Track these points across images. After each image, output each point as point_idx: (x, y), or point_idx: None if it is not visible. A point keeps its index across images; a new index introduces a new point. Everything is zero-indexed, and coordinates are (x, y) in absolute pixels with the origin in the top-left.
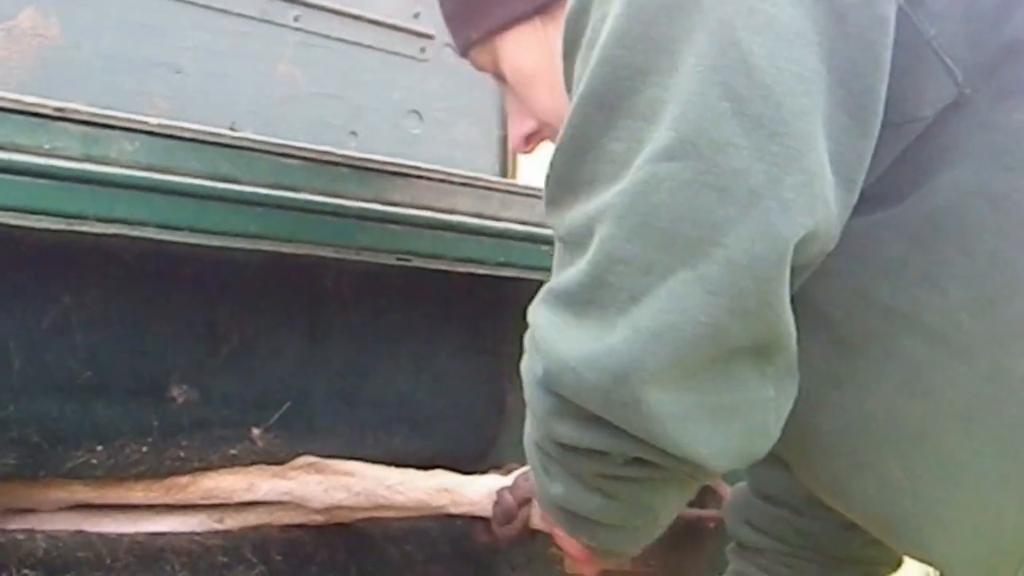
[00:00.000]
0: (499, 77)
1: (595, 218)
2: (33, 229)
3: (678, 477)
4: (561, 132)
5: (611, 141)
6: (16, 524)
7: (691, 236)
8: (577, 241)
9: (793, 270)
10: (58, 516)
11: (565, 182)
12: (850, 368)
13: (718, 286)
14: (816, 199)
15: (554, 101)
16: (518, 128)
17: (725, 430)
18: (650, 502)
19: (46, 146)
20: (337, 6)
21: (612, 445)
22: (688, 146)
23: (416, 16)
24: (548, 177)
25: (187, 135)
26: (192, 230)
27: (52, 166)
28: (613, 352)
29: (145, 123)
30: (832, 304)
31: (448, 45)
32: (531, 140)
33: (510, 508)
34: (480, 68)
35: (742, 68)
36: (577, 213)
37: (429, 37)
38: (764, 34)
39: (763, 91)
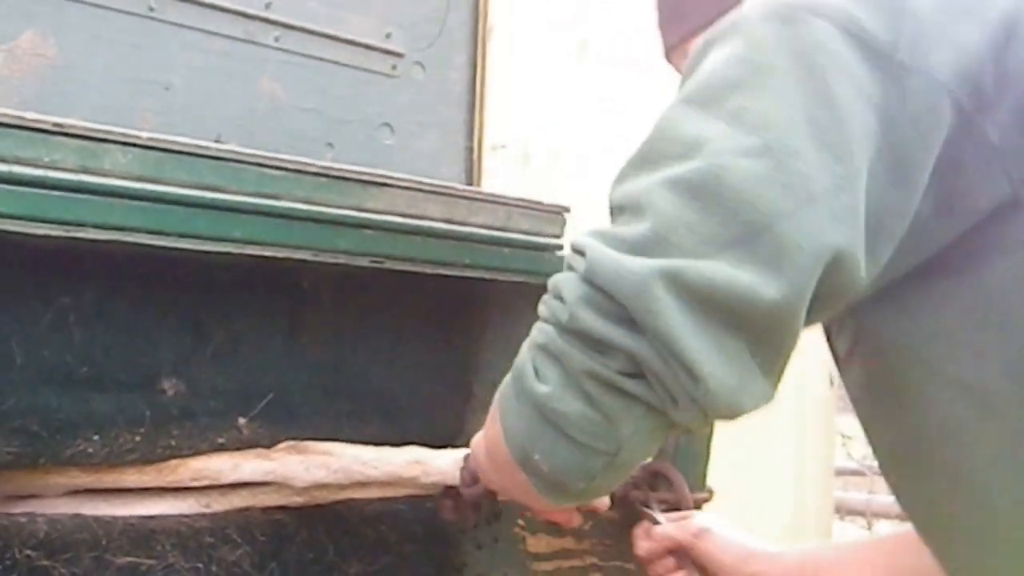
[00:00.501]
0: None
1: (662, 185)
2: (33, 236)
3: (662, 412)
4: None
5: (689, 128)
6: (19, 508)
7: (750, 219)
8: (635, 206)
9: (816, 296)
10: (58, 501)
11: (636, 160)
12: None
13: (763, 262)
14: (856, 225)
15: None
16: None
17: (728, 365)
18: (620, 429)
19: (45, 159)
20: (315, 27)
21: (626, 341)
22: (767, 150)
23: (388, 36)
24: (626, 162)
25: (176, 148)
26: (181, 236)
27: (50, 177)
28: (659, 265)
29: (137, 137)
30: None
31: (417, 63)
32: None
33: (475, 470)
34: (678, 71)
35: (825, 101)
36: (640, 182)
37: (399, 55)
38: (844, 84)
39: (838, 124)
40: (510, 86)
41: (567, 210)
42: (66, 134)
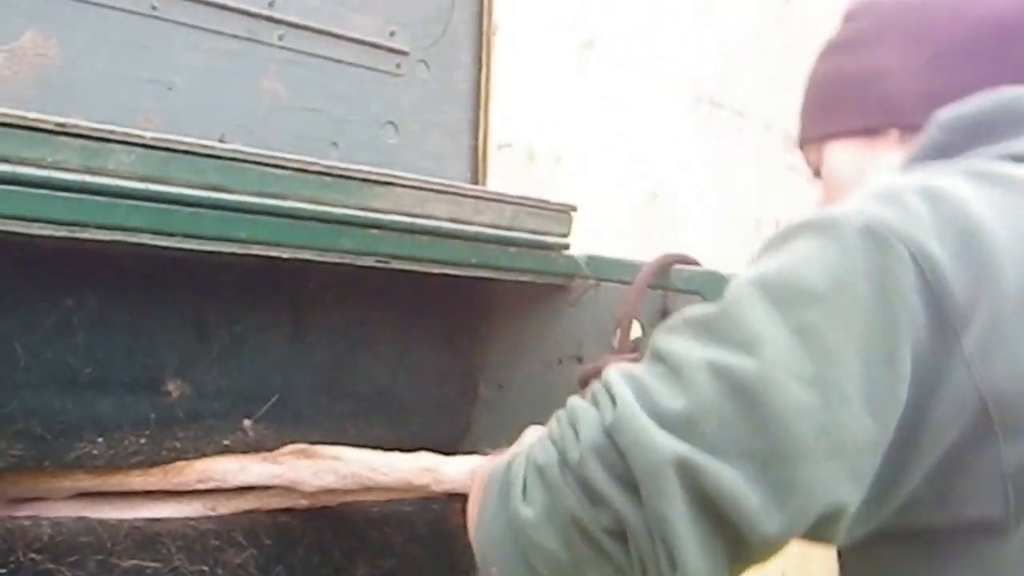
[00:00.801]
0: (817, 174)
1: (711, 368)
2: (36, 236)
3: None
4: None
5: (757, 321)
6: (23, 512)
7: (779, 445)
8: (676, 371)
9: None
10: (62, 504)
11: (698, 320)
12: None
13: (773, 490)
14: (865, 487)
15: None
16: None
17: (708, 561)
18: None
19: (48, 159)
20: (319, 25)
21: (623, 507)
22: (820, 383)
23: (392, 34)
24: (692, 312)
25: (180, 147)
26: (185, 236)
27: (53, 178)
28: (680, 452)
29: (141, 136)
30: None
31: (421, 62)
32: None
33: None
34: (807, 162)
35: (888, 360)
36: (691, 349)
37: (404, 54)
38: (908, 346)
39: (891, 388)
40: (515, 85)
41: (574, 209)
42: (69, 134)
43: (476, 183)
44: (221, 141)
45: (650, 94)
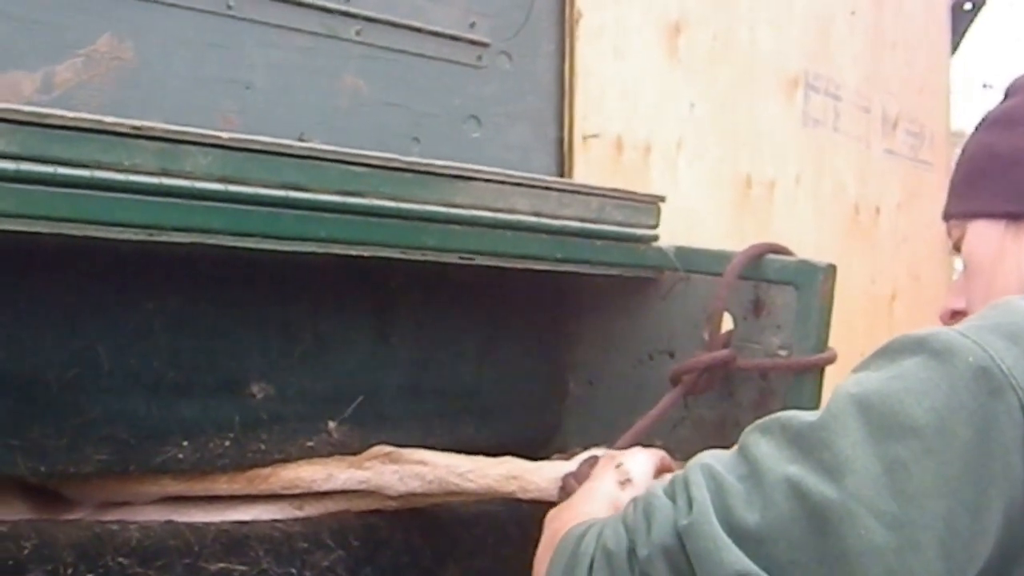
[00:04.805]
0: (957, 251)
1: (793, 487)
2: (115, 240)
3: None
4: (829, 401)
5: (847, 445)
6: (111, 516)
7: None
8: (757, 481)
9: None
10: (149, 508)
11: (790, 429)
12: None
13: None
14: None
15: (987, 299)
16: (951, 302)
17: None
18: None
19: (125, 162)
20: (397, 19)
21: None
22: (899, 526)
23: (472, 26)
24: (790, 417)
25: (257, 147)
26: (264, 236)
27: (131, 181)
28: (745, 570)
29: (217, 137)
30: None
31: (503, 53)
32: (955, 316)
33: (574, 493)
34: (949, 237)
35: (974, 510)
36: (778, 461)
37: (485, 45)
38: (1000, 498)
39: (970, 541)
40: (600, 73)
41: (662, 199)
42: (146, 136)
43: (561, 176)
44: (301, 139)
45: (743, 78)
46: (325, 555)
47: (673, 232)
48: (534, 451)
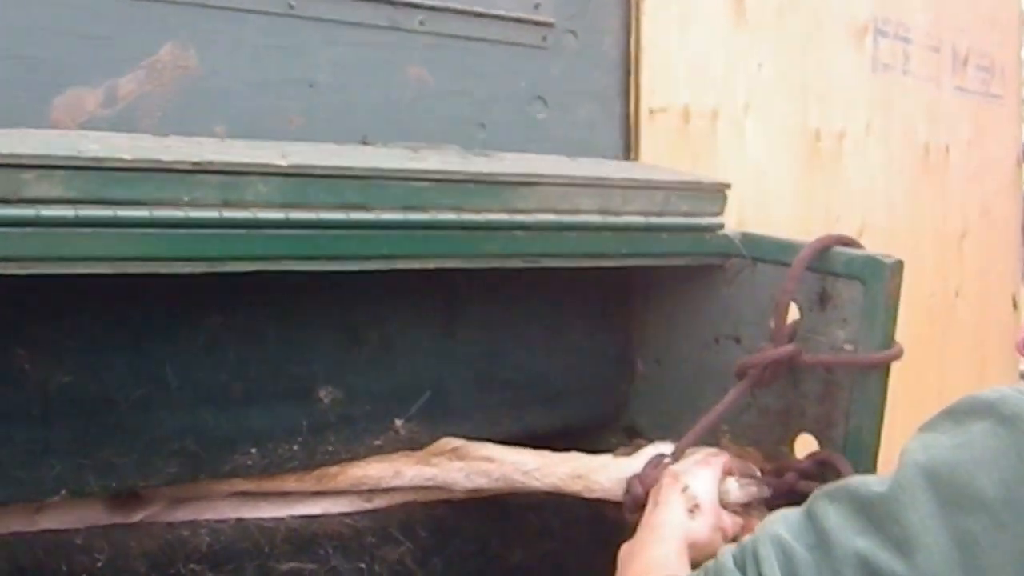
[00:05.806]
0: None
1: (854, 554)
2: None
3: None
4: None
5: (916, 519)
6: (181, 515)
7: None
8: (827, 548)
9: None
10: (219, 503)
11: (861, 497)
12: None
13: None
14: None
15: None
16: None
17: None
18: None
19: (185, 198)
20: (460, 5)
21: None
22: None
23: (537, 7)
24: (858, 485)
25: (317, 172)
26: (328, 258)
27: (192, 217)
28: None
29: (277, 166)
30: None
31: (569, 31)
32: None
33: (639, 497)
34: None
35: None
36: (843, 528)
37: (550, 25)
38: None
39: None
40: (665, 46)
41: (728, 186)
42: (205, 171)
43: (628, 150)
44: (364, 142)
45: (811, 32)
46: (393, 548)
47: (742, 195)
48: (601, 429)
